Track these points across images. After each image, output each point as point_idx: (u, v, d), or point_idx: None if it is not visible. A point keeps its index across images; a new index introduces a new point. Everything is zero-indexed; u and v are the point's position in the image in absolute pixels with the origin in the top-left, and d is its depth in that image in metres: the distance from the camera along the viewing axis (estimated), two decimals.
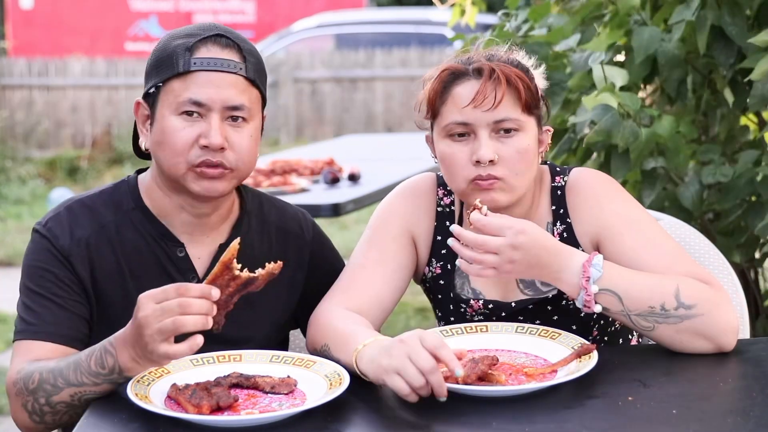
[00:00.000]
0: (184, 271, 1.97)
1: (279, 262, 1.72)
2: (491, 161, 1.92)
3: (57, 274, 1.89)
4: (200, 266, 1.99)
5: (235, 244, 1.68)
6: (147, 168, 2.04)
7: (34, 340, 1.85)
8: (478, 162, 1.93)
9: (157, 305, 1.64)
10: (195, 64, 1.87)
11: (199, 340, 1.66)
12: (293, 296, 2.09)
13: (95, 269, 1.92)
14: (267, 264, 1.71)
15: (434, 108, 1.99)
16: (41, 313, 1.86)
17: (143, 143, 1.97)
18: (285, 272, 1.92)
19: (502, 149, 1.94)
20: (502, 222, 1.82)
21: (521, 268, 1.83)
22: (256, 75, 1.92)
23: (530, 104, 1.96)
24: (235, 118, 1.90)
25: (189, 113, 1.88)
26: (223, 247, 1.99)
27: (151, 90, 1.91)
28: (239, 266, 1.69)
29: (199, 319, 1.64)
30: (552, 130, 2.08)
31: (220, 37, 1.91)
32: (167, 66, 1.89)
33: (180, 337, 1.67)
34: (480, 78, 1.94)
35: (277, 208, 2.11)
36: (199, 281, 1.96)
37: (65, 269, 1.90)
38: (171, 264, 1.97)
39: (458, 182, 1.98)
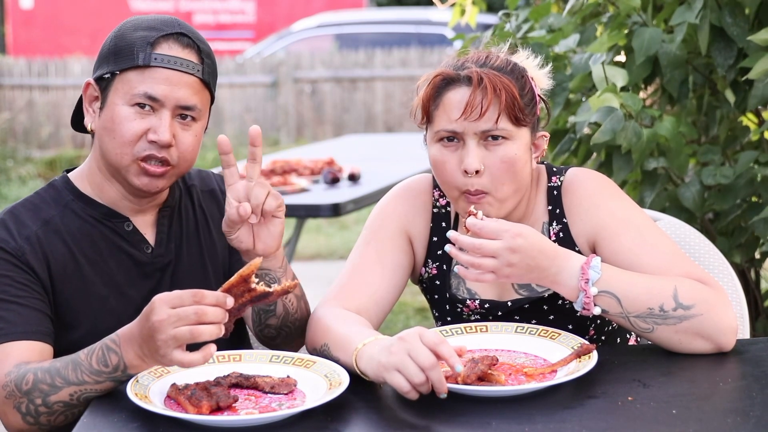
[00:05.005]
0: (137, 243, 2.02)
1: (296, 280, 1.74)
2: (477, 171, 1.93)
3: (13, 277, 1.90)
4: (149, 235, 2.04)
5: (257, 261, 1.69)
6: (74, 168, 2.08)
7: (6, 342, 1.84)
8: (466, 171, 1.94)
9: (173, 311, 1.64)
10: (155, 59, 1.92)
11: (213, 349, 1.67)
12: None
13: (50, 262, 1.94)
14: (283, 281, 1.71)
15: (428, 113, 2.00)
16: (6, 316, 1.87)
17: (88, 123, 2.00)
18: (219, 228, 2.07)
19: (488, 158, 1.94)
20: (499, 225, 1.82)
21: (520, 271, 1.83)
22: (210, 77, 1.99)
23: (516, 115, 1.94)
24: (184, 117, 1.96)
25: (141, 105, 1.92)
26: (162, 211, 2.05)
27: (106, 75, 1.95)
28: (257, 280, 1.69)
29: (214, 329, 1.65)
30: (548, 135, 2.08)
31: (182, 36, 1.95)
32: (126, 56, 1.93)
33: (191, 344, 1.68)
34: (471, 86, 1.94)
35: (196, 172, 2.19)
36: (153, 250, 2.02)
37: (21, 271, 1.91)
38: (122, 239, 2.01)
39: (449, 190, 1.99)
